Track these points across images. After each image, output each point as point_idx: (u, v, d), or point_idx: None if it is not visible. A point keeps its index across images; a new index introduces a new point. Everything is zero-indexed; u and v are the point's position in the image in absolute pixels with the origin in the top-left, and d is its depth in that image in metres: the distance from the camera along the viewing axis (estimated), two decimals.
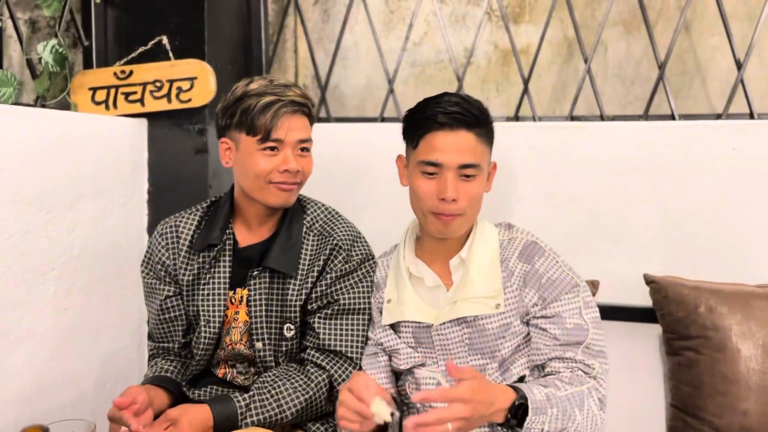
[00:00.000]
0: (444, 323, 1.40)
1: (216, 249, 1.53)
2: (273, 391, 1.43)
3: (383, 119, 2.17)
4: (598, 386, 1.33)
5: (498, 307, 1.38)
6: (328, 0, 2.37)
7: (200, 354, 1.53)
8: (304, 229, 1.54)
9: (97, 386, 1.81)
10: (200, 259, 1.54)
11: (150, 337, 1.63)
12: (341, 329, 1.50)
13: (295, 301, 1.50)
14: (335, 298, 1.51)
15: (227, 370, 1.57)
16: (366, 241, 1.59)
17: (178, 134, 1.94)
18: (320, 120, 2.23)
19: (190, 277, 1.54)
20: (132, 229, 1.92)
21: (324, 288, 1.51)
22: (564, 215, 1.89)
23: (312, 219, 1.56)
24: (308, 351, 1.51)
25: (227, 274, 1.52)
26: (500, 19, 2.15)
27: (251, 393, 1.42)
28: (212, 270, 1.53)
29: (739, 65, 1.90)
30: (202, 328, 1.51)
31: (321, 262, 1.51)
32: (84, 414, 1.73)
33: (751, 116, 1.89)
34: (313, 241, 1.54)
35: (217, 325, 1.51)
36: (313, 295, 1.51)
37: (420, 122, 1.40)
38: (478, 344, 1.40)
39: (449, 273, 1.46)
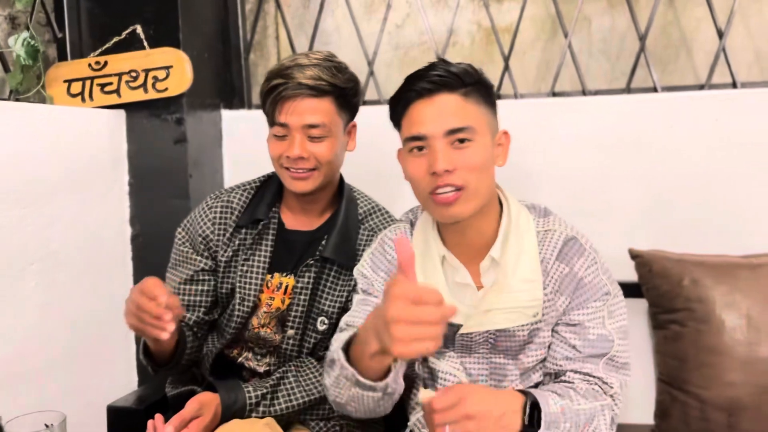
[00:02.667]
0: (472, 332, 1.26)
1: (261, 224, 1.48)
2: (284, 390, 1.42)
3: (365, 102, 2.15)
4: (613, 405, 1.25)
5: (536, 315, 1.24)
6: None
7: (230, 332, 1.49)
8: (358, 223, 1.49)
9: (82, 380, 1.80)
10: (243, 236, 1.49)
11: None
12: None
13: (340, 295, 1.47)
14: None
15: (243, 352, 1.54)
16: None
17: (157, 124, 1.92)
18: None
19: (230, 254, 1.49)
20: (114, 222, 1.91)
21: None
22: (547, 192, 1.87)
23: (365, 212, 1.52)
24: None
25: (268, 255, 1.48)
26: None
27: (264, 390, 1.41)
28: (254, 247, 1.48)
29: (721, 34, 1.87)
30: (236, 306, 1.47)
31: None
32: (70, 408, 1.72)
33: (734, 86, 1.86)
34: (365, 236, 1.48)
35: (251, 303, 1.47)
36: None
37: (398, 99, 1.26)
38: (502, 346, 1.28)
39: (477, 271, 1.29)
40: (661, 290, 1.61)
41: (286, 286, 1.48)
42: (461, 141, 1.19)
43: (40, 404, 1.64)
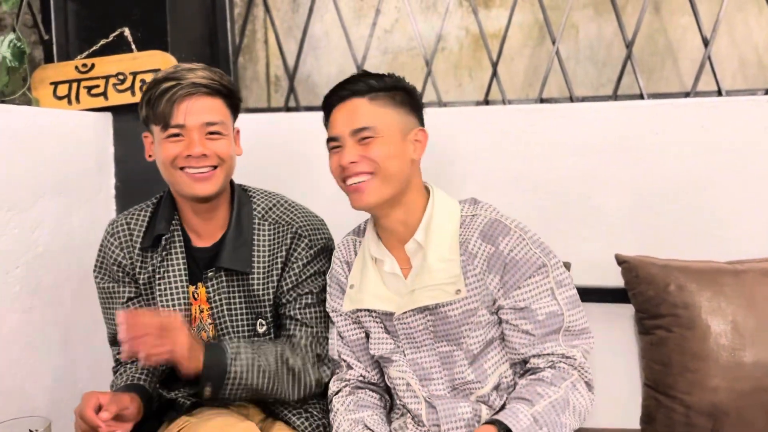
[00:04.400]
0: (405, 313, 1.36)
1: (165, 239, 1.47)
2: (263, 347, 1.41)
3: None
4: (582, 373, 1.30)
5: (459, 293, 1.31)
6: None
7: None
8: (256, 221, 1.49)
9: (68, 385, 1.78)
10: (153, 255, 1.48)
11: (113, 342, 1.56)
12: (323, 316, 1.49)
13: (263, 296, 1.47)
14: (309, 288, 1.48)
15: None
16: (326, 226, 1.55)
17: (144, 127, 1.91)
18: (289, 109, 2.21)
19: (147, 276, 1.48)
20: (100, 225, 1.87)
21: (294, 279, 1.48)
22: (534, 198, 1.88)
23: (264, 209, 1.51)
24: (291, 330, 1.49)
25: (182, 266, 1.47)
26: (471, 3, 2.13)
27: (244, 343, 1.40)
28: (166, 263, 1.47)
29: (706, 42, 1.89)
30: None
31: (283, 253, 1.47)
32: (56, 414, 1.71)
33: (719, 93, 1.88)
34: (269, 232, 1.48)
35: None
36: (285, 288, 1.48)
37: (323, 106, 1.42)
38: (442, 331, 1.35)
39: (405, 257, 1.40)
40: (647, 296, 1.62)
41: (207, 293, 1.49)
42: (364, 138, 1.33)
43: (25, 410, 1.63)
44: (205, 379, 1.34)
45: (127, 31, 1.87)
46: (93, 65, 1.87)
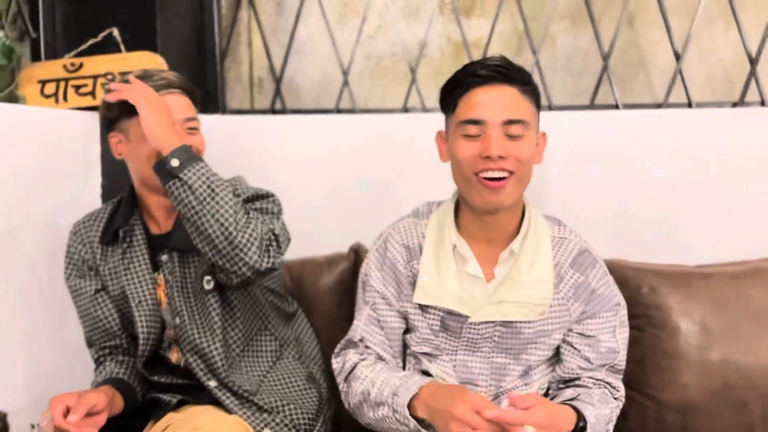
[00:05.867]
0: (482, 322, 1.31)
1: (123, 231, 1.51)
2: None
3: (338, 111, 2.19)
4: (617, 408, 1.35)
5: (543, 314, 1.31)
6: None
7: (144, 338, 1.49)
8: None
9: (54, 385, 1.77)
10: (115, 249, 1.52)
11: (90, 343, 1.59)
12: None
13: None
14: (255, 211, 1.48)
15: (179, 355, 1.53)
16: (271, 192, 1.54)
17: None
18: (275, 112, 2.24)
19: (111, 266, 1.52)
20: None
21: None
22: None
23: None
24: None
25: (146, 255, 1.50)
26: (453, 12, 2.19)
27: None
28: (129, 254, 1.51)
29: (678, 56, 1.98)
30: (134, 311, 1.49)
31: None
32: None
33: (690, 105, 1.98)
34: None
35: (149, 303, 1.49)
36: None
37: (458, 82, 1.29)
38: (506, 344, 1.34)
39: (491, 262, 1.35)
40: None
41: None
42: (515, 135, 1.26)
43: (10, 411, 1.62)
44: (177, 152, 1.35)
45: (115, 32, 1.88)
46: (81, 64, 1.87)
